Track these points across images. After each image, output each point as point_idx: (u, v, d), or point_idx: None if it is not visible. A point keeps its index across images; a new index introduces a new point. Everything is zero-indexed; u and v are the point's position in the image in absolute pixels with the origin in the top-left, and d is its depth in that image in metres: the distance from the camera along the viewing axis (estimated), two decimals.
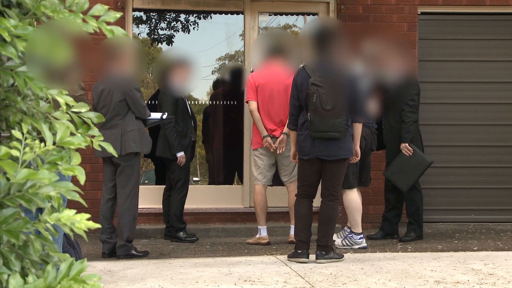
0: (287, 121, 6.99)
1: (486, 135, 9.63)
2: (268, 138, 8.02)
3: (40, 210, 2.07)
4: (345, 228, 8.04)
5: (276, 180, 8.37)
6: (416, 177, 7.98)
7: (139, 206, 7.55)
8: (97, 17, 2.07)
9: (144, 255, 7.17)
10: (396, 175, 7.96)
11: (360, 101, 6.60)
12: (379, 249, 7.46)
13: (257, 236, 8.14)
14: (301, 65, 6.91)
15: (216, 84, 10.15)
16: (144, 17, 9.85)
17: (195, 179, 10.74)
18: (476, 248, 7.48)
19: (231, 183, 9.84)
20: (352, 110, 6.53)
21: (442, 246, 7.61)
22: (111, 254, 7.16)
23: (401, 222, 8.62)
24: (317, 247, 6.56)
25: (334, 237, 7.95)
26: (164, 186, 8.67)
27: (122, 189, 7.14)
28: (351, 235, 7.78)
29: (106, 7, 2.09)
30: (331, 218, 6.58)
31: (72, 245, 5.30)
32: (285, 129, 7.95)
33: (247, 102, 8.23)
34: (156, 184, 9.52)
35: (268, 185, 8.23)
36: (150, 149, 7.30)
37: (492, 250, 7.28)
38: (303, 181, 6.72)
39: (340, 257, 6.60)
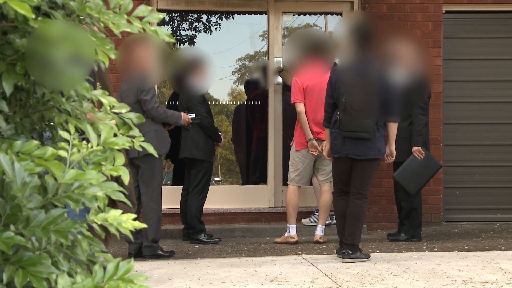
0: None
1: (511, 134, 9.56)
2: (314, 141, 7.94)
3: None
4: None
5: None
6: (426, 180, 7.92)
7: (164, 207, 7.56)
8: (141, 18, 2.09)
9: (170, 255, 7.18)
10: (407, 178, 7.86)
11: (393, 101, 6.55)
12: (406, 249, 7.43)
13: (286, 234, 8.11)
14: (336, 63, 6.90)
15: (248, 84, 10.03)
16: (167, 18, 9.87)
17: (216, 179, 10.73)
18: (503, 247, 7.43)
19: (255, 183, 9.83)
20: (386, 109, 6.50)
21: (469, 246, 7.57)
22: (138, 254, 7.18)
23: (425, 222, 8.60)
24: (344, 246, 6.55)
25: (305, 221, 8.22)
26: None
27: (145, 190, 7.15)
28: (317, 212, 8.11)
29: (150, 8, 2.10)
30: (358, 217, 6.56)
31: None
32: None
33: (293, 104, 8.08)
34: (173, 184, 9.50)
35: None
36: (168, 150, 7.26)
37: None
38: (336, 179, 6.81)
39: (366, 256, 6.58)
